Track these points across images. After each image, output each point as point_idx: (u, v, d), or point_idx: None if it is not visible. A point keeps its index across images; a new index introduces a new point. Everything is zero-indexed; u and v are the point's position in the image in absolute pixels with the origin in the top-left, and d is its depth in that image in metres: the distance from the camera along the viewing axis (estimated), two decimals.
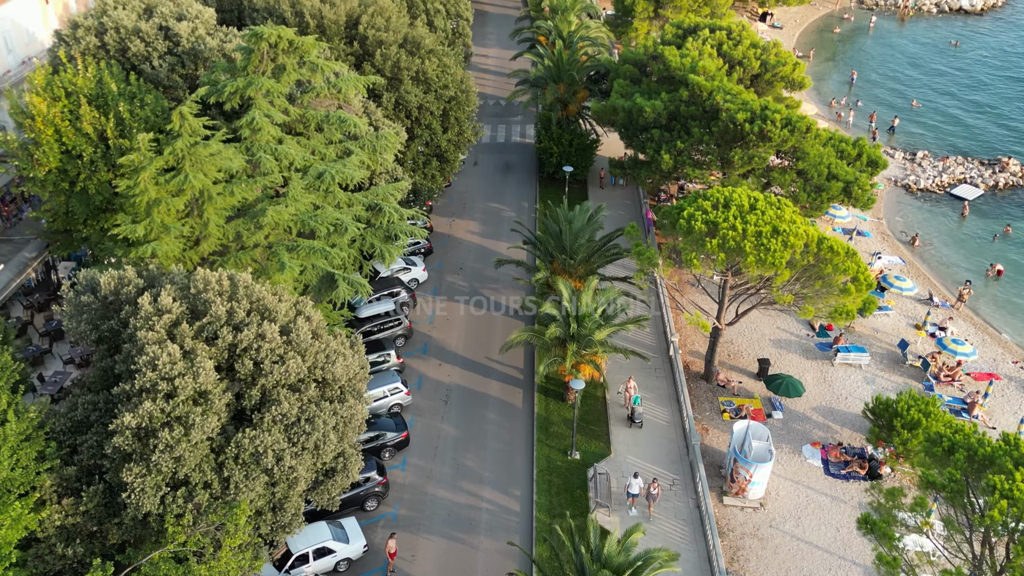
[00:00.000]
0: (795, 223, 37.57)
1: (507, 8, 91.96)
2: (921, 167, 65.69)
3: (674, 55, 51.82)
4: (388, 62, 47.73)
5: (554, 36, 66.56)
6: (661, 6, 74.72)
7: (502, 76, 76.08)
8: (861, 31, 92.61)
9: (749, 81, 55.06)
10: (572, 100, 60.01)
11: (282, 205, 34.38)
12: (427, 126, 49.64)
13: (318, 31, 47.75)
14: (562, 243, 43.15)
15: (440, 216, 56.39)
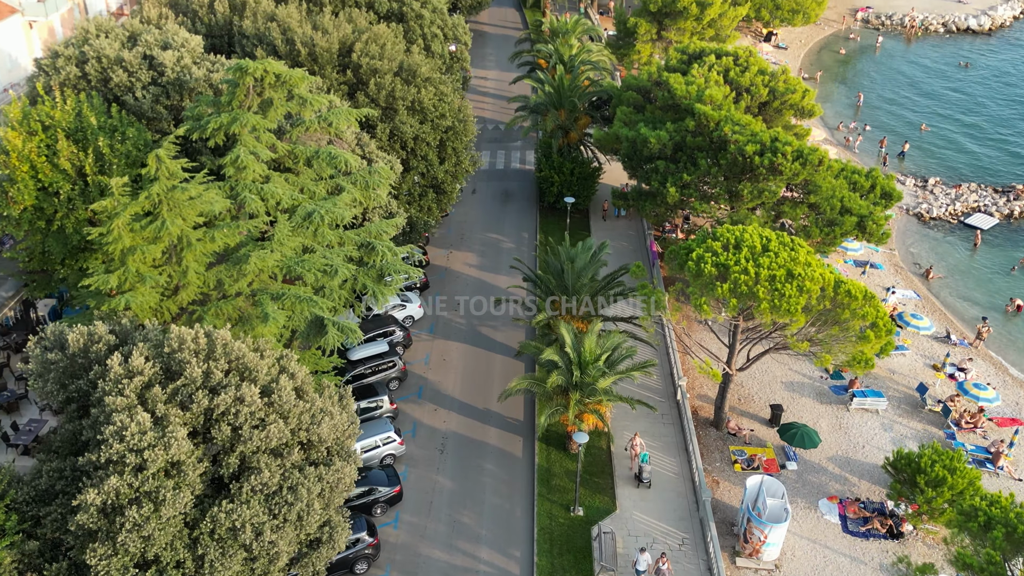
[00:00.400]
0: (810, 266, 35.56)
1: (507, 29, 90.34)
2: (933, 195, 63.76)
3: (679, 83, 49.98)
4: (382, 92, 45.86)
5: (555, 60, 64.80)
6: (664, 28, 73.03)
7: (501, 99, 74.30)
8: (867, 51, 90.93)
9: (757, 109, 53.21)
10: (573, 127, 58.14)
11: (267, 250, 32.37)
12: (423, 157, 47.73)
13: (310, 59, 45.93)
14: (564, 282, 41.13)
15: (437, 248, 54.40)
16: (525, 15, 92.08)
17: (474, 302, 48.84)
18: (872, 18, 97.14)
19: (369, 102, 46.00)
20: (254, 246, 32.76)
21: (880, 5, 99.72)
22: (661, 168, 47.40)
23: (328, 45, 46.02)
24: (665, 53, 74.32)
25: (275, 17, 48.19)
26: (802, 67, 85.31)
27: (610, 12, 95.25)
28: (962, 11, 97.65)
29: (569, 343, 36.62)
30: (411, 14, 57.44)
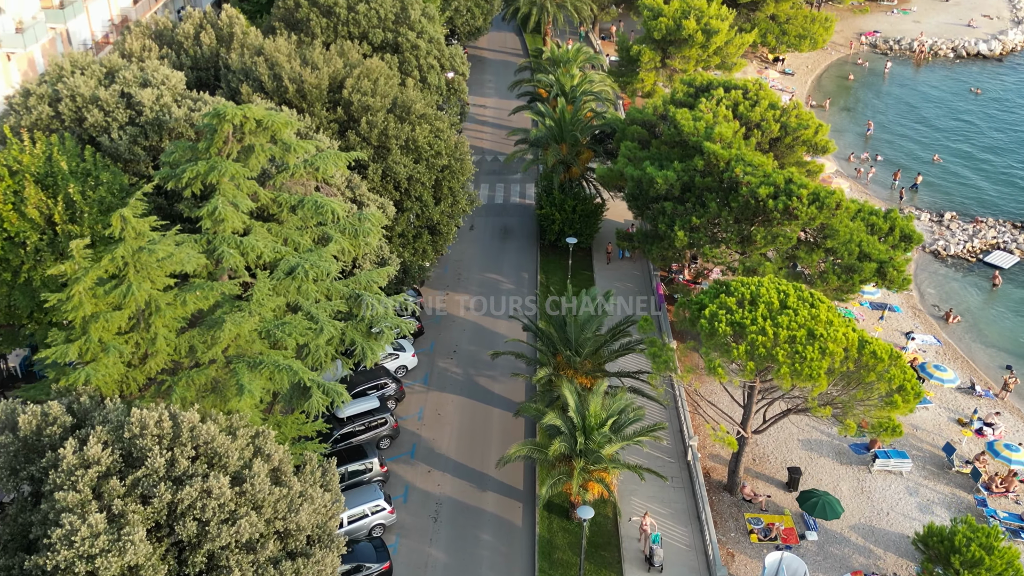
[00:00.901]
0: (832, 324, 33.01)
1: (506, 55, 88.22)
2: (950, 230, 61.29)
3: (686, 118, 47.60)
4: (375, 130, 43.46)
5: (555, 90, 62.53)
6: (668, 56, 70.82)
7: (501, 129, 72.00)
8: (876, 77, 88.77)
9: (768, 145, 50.82)
10: (575, 162, 55.76)
11: (244, 312, 29.81)
12: (417, 198, 45.28)
13: (298, 96, 43.56)
14: (566, 336, 38.56)
15: (433, 289, 51.88)
16: (525, 40, 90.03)
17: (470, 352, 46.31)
18: (880, 42, 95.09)
19: (360, 141, 43.61)
20: (230, 307, 30.22)
21: (887, 29, 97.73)
22: (668, 210, 44.94)
23: (317, 81, 43.66)
24: (669, 81, 72.23)
25: (263, 51, 45.88)
26: (810, 94, 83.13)
27: (612, 37, 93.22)
28: (972, 35, 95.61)
29: (573, 406, 34.00)
30: (406, 45, 55.19)
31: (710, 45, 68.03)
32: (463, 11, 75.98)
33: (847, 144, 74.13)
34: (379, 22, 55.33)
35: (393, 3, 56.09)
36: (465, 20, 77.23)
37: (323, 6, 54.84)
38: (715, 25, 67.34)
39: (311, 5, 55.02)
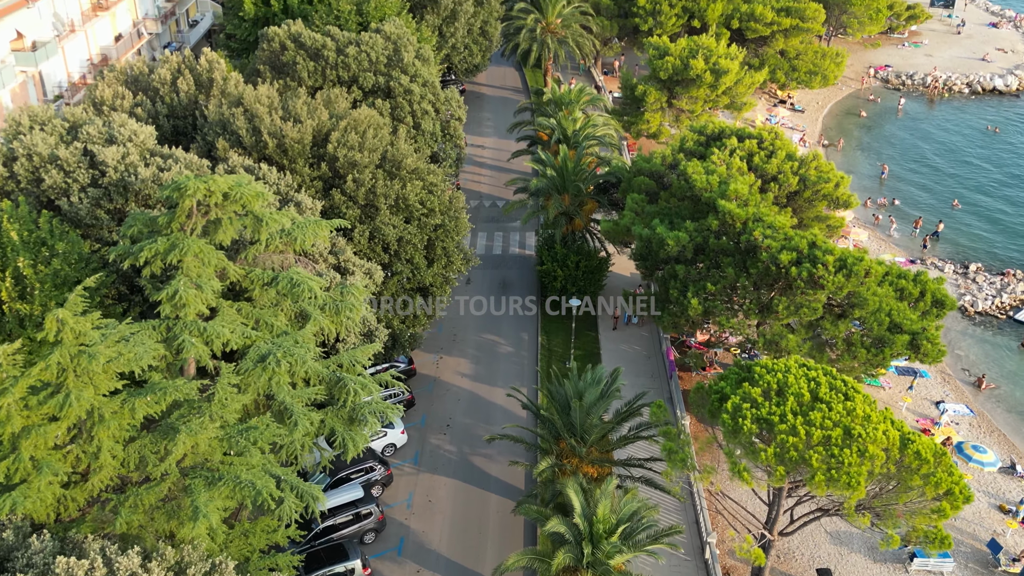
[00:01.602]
0: (870, 420, 29.34)
1: (506, 91, 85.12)
2: (976, 284, 57.75)
3: (698, 172, 44.19)
4: (362, 188, 40.03)
5: (557, 135, 59.22)
6: (675, 96, 67.64)
7: (500, 171, 68.66)
8: (889, 114, 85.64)
9: (785, 199, 47.41)
10: (578, 213, 52.31)
11: (204, 416, 26.13)
12: (408, 260, 41.76)
13: (278, 152, 40.15)
14: (570, 421, 34.86)
15: (425, 352, 48.23)
16: (525, 76, 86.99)
17: (465, 426, 42.59)
18: (892, 77, 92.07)
19: (346, 200, 40.16)
20: (188, 408, 26.56)
21: (899, 63, 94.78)
22: (680, 274, 41.40)
23: (300, 136, 40.26)
24: (676, 121, 69.03)
25: (242, 101, 42.52)
26: (822, 132, 79.89)
27: (615, 72, 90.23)
28: (987, 70, 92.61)
29: (579, 509, 30.25)
30: (399, 89, 51.89)
31: (719, 85, 64.87)
32: (460, 48, 72.94)
33: (862, 188, 70.76)
34: (370, 65, 52.10)
35: (385, 45, 52.90)
36: (463, 58, 74.17)
37: (310, 49, 51.64)
38: (724, 65, 64.20)
39: (297, 48, 51.82)
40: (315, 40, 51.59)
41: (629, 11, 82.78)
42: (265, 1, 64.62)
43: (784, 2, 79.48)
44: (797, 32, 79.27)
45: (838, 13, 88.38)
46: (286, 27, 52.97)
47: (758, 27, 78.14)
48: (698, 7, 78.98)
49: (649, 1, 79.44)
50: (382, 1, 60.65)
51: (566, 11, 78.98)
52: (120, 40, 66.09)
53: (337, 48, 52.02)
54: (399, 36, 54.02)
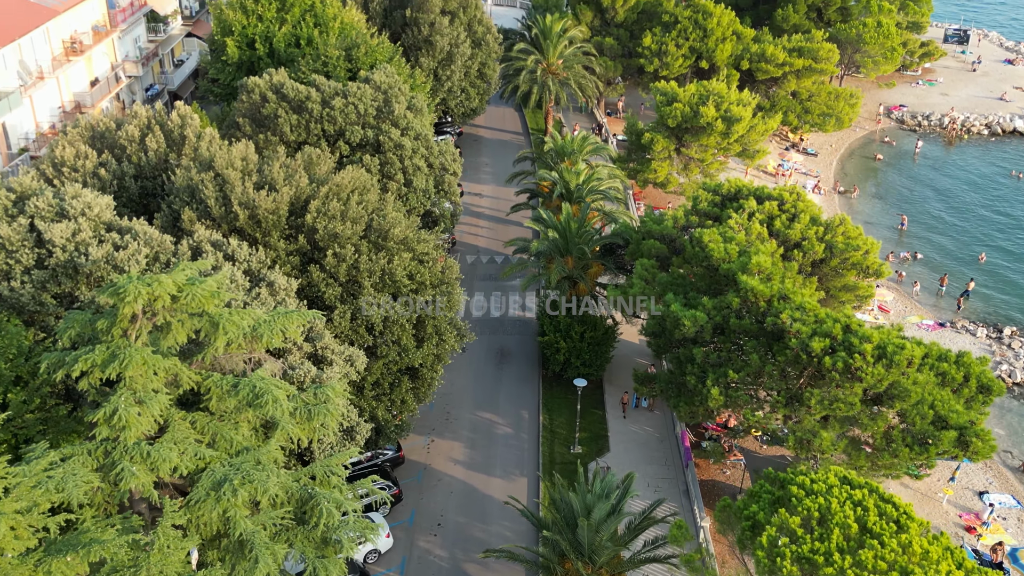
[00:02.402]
0: (928, 557, 25.04)
1: (505, 133, 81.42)
2: (1012, 350, 53.54)
3: (716, 241, 40.14)
4: (343, 264, 35.98)
5: (559, 189, 55.26)
6: (684, 144, 63.88)
7: (499, 223, 64.69)
8: (906, 158, 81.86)
9: (810, 267, 43.37)
10: (583, 278, 48.22)
11: (141, 569, 21.87)
12: (395, 341, 37.60)
13: (251, 223, 36.12)
14: (577, 540, 30.51)
15: (415, 433, 43.93)
16: (525, 117, 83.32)
17: (459, 525, 38.18)
18: (907, 118, 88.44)
19: (326, 277, 36.08)
20: (125, 559, 22.27)
21: (914, 103, 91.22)
22: (698, 358, 37.19)
23: (275, 206, 36.24)
24: (685, 170, 65.25)
25: (213, 165, 38.54)
26: (837, 179, 76.07)
27: (619, 112, 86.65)
28: (1006, 110, 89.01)
29: None
30: (389, 144, 48.04)
31: (731, 133, 61.09)
32: (457, 92, 69.29)
33: (881, 240, 66.66)
34: (358, 118, 48.31)
35: (375, 96, 49.15)
36: (459, 102, 70.47)
37: (293, 101, 47.86)
38: (736, 112, 60.47)
39: (280, 99, 48.04)
40: (298, 92, 47.83)
41: (634, 51, 79.35)
42: (250, 44, 61.03)
43: (796, 42, 76.03)
44: (810, 73, 75.73)
45: (851, 52, 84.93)
46: (267, 77, 49.25)
47: (769, 68, 74.60)
48: (706, 48, 75.51)
49: (655, 42, 76.00)
50: (373, 47, 57.01)
51: (568, 52, 75.48)
52: (96, 85, 62.44)
53: (322, 100, 48.26)
54: (390, 86, 50.31)
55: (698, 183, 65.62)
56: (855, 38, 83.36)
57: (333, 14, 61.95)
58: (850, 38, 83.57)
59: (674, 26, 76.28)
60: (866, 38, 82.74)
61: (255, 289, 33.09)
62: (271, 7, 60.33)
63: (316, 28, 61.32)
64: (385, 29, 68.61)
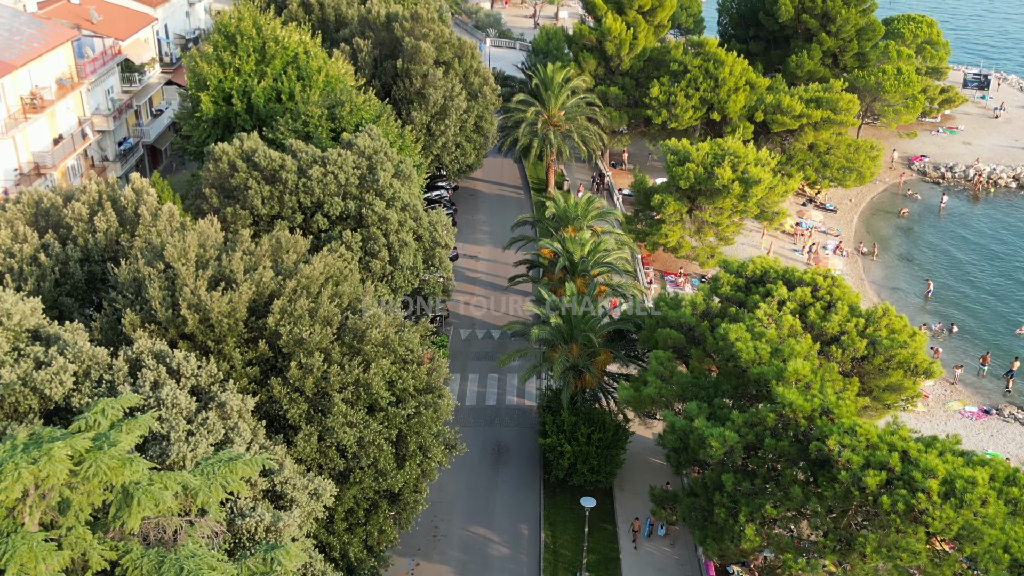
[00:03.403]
0: None
1: (504, 187, 76.54)
2: None
3: (743, 339, 34.83)
4: (310, 376, 30.64)
5: (563, 260, 50.08)
6: (697, 207, 58.90)
7: (496, 290, 59.49)
8: (930, 214, 76.88)
9: (850, 365, 38.04)
10: (589, 368, 42.87)
11: None
12: (371, 464, 32.11)
13: (202, 328, 30.84)
14: None
15: (399, 555, 38.24)
16: (525, 169, 78.47)
17: None
18: (930, 169, 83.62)
19: (290, 392, 30.74)
20: None
21: (935, 153, 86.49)
22: (728, 486, 31.69)
23: (231, 308, 30.99)
24: (698, 233, 60.21)
25: (164, 254, 33.33)
26: (860, 240, 70.89)
27: (623, 164, 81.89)
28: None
29: None
30: (372, 218, 42.99)
31: (749, 196, 56.12)
32: (452, 148, 64.44)
33: (907, 307, 61.53)
34: (338, 188, 43.33)
35: (358, 162, 44.23)
36: (454, 158, 65.61)
37: (266, 170, 42.91)
38: (755, 174, 55.57)
39: (250, 168, 43.07)
40: (271, 160, 42.86)
41: (640, 101, 74.72)
42: (227, 99, 56.22)
43: (813, 92, 71.36)
44: (828, 125, 70.93)
45: (869, 100, 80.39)
46: (237, 143, 44.31)
47: (785, 120, 69.82)
48: (718, 99, 70.82)
49: (663, 92, 71.35)
50: (358, 105, 52.18)
51: (570, 102, 70.80)
52: (60, 143, 57.60)
53: (299, 169, 43.29)
54: (375, 151, 45.41)
55: (712, 247, 60.70)
56: (874, 86, 78.87)
57: (318, 66, 57.22)
58: (869, 86, 79.09)
59: (683, 75, 71.70)
60: (886, 86, 78.23)
61: (202, 413, 27.75)
62: (250, 60, 55.58)
63: (299, 82, 56.57)
64: (375, 80, 63.98)
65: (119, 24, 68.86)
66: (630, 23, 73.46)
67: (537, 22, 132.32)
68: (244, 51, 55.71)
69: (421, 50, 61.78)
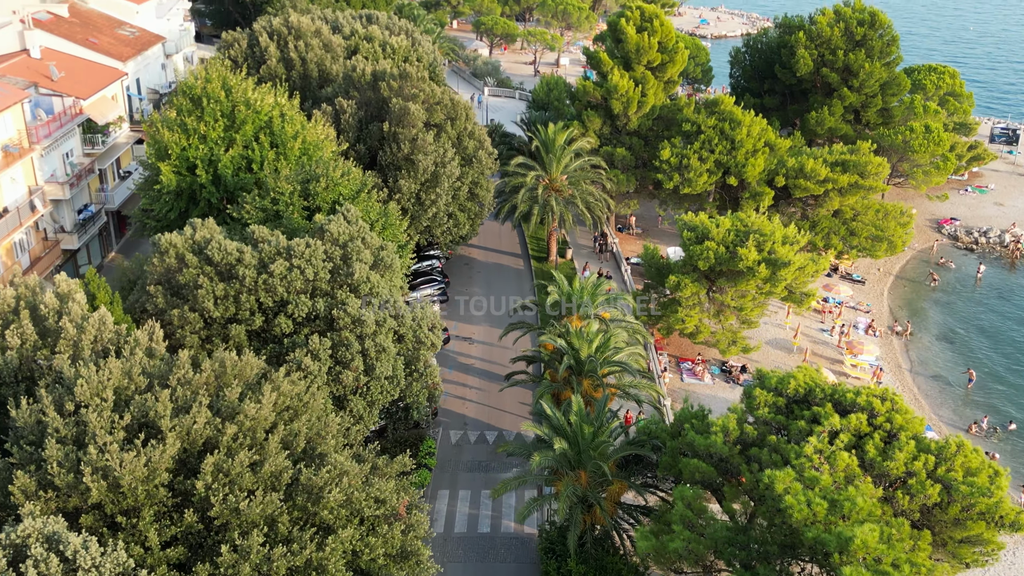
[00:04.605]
0: None
1: (502, 255, 70.30)
2: None
3: (794, 492, 28.20)
4: (246, 564, 23.93)
5: (568, 360, 43.50)
6: (717, 288, 52.59)
7: (491, 379, 52.82)
8: (966, 284, 70.57)
9: (918, 513, 31.31)
10: (600, 501, 36.09)
11: None
12: None
13: (112, 496, 24.20)
14: None
15: None
16: (525, 234, 72.32)
17: None
18: (962, 234, 77.50)
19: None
20: None
21: (967, 215, 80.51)
22: None
23: (148, 470, 24.39)
24: (718, 317, 53.75)
25: (75, 391, 26.79)
26: (896, 318, 64.44)
27: (631, 228, 75.80)
28: None
29: None
30: (344, 320, 36.63)
31: (778, 281, 49.84)
32: (443, 218, 58.29)
33: (951, 400, 54.93)
34: (305, 285, 37.08)
35: (330, 251, 38.06)
36: (446, 228, 59.47)
37: (220, 265, 36.65)
38: (784, 255, 49.35)
39: (202, 262, 36.80)
40: (226, 253, 36.59)
41: (649, 162, 68.89)
42: (191, 168, 50.19)
43: (838, 154, 65.46)
44: (856, 190, 64.92)
45: (896, 160, 74.42)
46: (190, 230, 38.12)
47: (809, 185, 63.83)
48: (734, 162, 64.92)
49: (675, 155, 65.45)
50: (335, 179, 46.11)
51: (573, 166, 64.84)
52: (5, 216, 51.50)
53: (260, 262, 37.04)
54: (351, 237, 39.24)
55: (733, 331, 54.27)
56: (902, 145, 72.97)
57: (294, 132, 51.28)
58: (896, 145, 73.19)
59: (697, 136, 65.89)
60: (914, 146, 72.32)
61: None
62: (217, 125, 49.62)
63: (272, 149, 50.60)
64: (360, 144, 58.06)
65: (83, 80, 63.21)
66: (638, 79, 67.86)
67: (537, 69, 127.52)
68: (211, 116, 49.76)
69: (410, 112, 55.94)
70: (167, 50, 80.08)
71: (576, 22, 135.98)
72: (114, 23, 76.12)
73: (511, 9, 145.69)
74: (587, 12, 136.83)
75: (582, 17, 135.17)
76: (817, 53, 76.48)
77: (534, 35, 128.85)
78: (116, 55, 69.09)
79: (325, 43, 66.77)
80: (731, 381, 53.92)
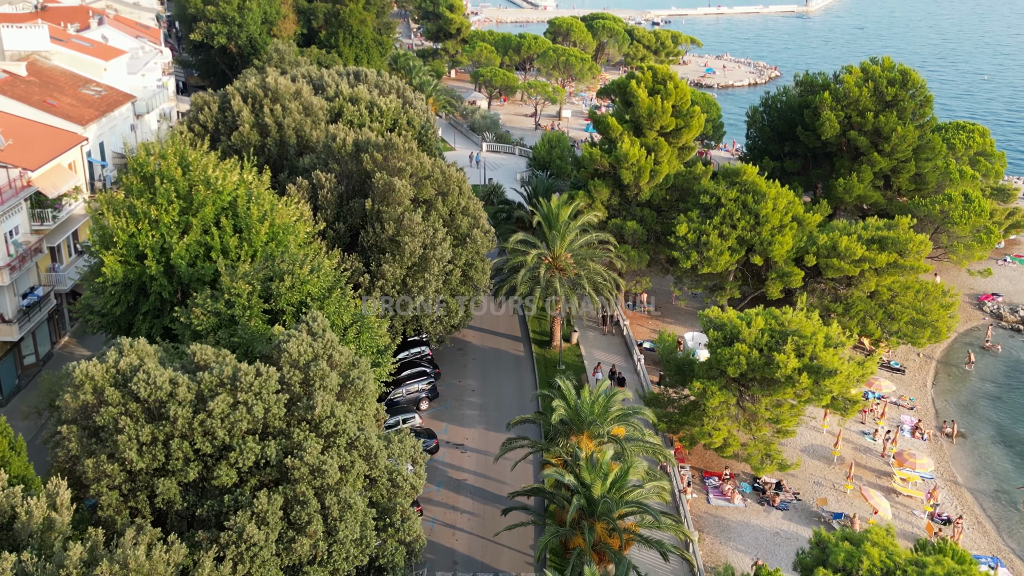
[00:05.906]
0: None
1: (500, 339, 63.19)
2: None
3: None
4: None
5: (578, 500, 36.06)
6: (749, 397, 45.37)
7: (487, 500, 45.30)
8: (1017, 371, 63.34)
9: None
10: None
11: None
12: None
13: None
14: None
15: None
16: (526, 316, 65.31)
17: None
18: (1006, 312, 70.44)
19: None
20: None
21: (1008, 289, 73.71)
22: None
23: None
24: (750, 428, 46.42)
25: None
26: (945, 420, 56.99)
27: (644, 306, 68.80)
28: None
29: None
30: (301, 470, 29.34)
31: (823, 392, 42.66)
32: (432, 307, 51.24)
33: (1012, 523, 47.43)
34: (253, 423, 29.94)
35: (288, 376, 31.05)
36: (436, 319, 52.41)
37: (148, 402, 29.52)
38: (828, 362, 42.20)
39: (126, 398, 29.71)
40: (155, 388, 29.50)
41: (663, 236, 62.23)
42: (139, 257, 43.34)
43: (874, 231, 58.76)
44: (894, 270, 58.09)
45: (932, 230, 67.65)
46: (114, 355, 31.07)
47: (843, 265, 56.99)
48: (759, 239, 58.19)
49: (692, 230, 58.73)
50: (302, 277, 39.20)
51: (579, 242, 58.04)
52: None
53: (197, 396, 29.95)
54: (314, 357, 32.22)
55: (767, 443, 46.95)
56: (939, 216, 66.36)
57: (261, 214, 44.45)
58: (933, 215, 66.60)
59: (716, 210, 59.24)
60: (955, 217, 65.72)
61: None
62: (171, 208, 42.82)
63: (236, 235, 43.74)
64: (339, 223, 51.38)
65: (34, 148, 56.72)
66: (650, 147, 61.43)
67: (538, 123, 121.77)
68: (164, 198, 42.97)
69: (395, 189, 49.34)
70: (138, 109, 73.95)
71: (578, 73, 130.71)
72: (79, 81, 70.02)
73: (511, 59, 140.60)
74: (590, 63, 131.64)
75: (584, 68, 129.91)
76: (844, 115, 70.17)
77: (535, 87, 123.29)
78: (76, 118, 62.80)
79: (305, 106, 60.43)
80: (765, 503, 46.43)
